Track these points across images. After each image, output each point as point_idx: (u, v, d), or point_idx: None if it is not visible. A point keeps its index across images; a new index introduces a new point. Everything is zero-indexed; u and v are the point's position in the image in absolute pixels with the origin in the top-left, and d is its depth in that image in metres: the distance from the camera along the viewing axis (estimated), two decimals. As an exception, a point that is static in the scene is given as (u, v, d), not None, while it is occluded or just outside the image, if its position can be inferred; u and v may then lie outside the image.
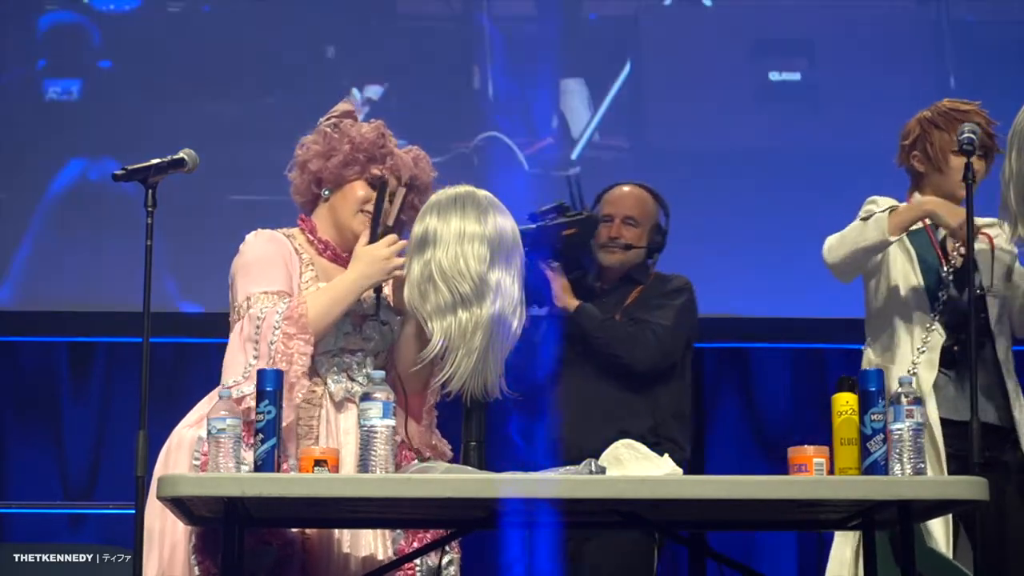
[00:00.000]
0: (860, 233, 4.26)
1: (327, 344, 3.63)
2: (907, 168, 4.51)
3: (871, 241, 4.25)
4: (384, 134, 3.78)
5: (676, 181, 6.48)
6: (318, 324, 3.55)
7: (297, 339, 3.51)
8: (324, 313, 3.57)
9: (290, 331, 3.51)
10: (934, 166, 4.41)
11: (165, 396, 5.69)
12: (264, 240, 3.70)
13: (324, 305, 3.58)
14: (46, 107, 6.43)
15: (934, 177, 4.42)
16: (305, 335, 3.52)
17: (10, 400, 6.28)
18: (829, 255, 4.32)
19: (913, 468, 3.26)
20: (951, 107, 4.44)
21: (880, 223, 4.22)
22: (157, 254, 3.64)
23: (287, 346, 3.50)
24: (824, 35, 6.60)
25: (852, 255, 4.28)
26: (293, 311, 3.53)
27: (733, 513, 3.56)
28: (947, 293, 4.31)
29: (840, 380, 3.44)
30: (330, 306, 3.58)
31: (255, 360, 3.51)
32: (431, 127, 6.21)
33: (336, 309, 3.58)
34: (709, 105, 6.47)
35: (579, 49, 6.56)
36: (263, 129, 6.17)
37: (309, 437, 3.57)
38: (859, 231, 4.26)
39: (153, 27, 6.48)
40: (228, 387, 3.45)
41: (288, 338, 3.50)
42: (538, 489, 3.22)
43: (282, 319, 3.52)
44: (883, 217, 4.22)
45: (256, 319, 3.53)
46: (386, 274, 3.62)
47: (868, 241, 4.25)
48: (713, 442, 6.42)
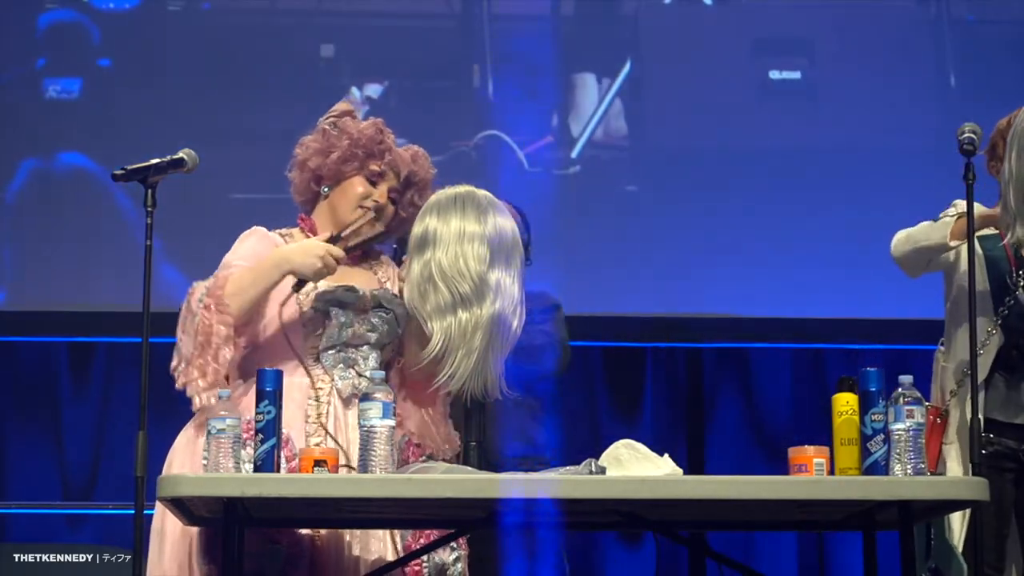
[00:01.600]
0: (926, 233, 4.31)
1: (331, 339, 3.62)
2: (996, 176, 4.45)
3: (933, 242, 4.30)
4: (383, 130, 3.79)
5: (676, 181, 6.49)
6: (235, 299, 3.55)
7: (216, 312, 3.53)
8: (242, 289, 3.57)
9: (210, 304, 3.54)
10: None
11: (165, 396, 5.69)
12: (253, 238, 3.72)
13: (244, 280, 3.58)
14: (46, 106, 6.43)
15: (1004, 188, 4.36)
16: (222, 307, 3.53)
17: (10, 400, 6.29)
18: (895, 249, 4.38)
19: (913, 468, 3.26)
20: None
21: (944, 227, 4.26)
22: (157, 253, 3.63)
23: (206, 319, 3.53)
24: (824, 35, 6.60)
25: (914, 252, 4.33)
26: (215, 286, 3.56)
27: (733, 513, 3.56)
28: (1013, 297, 4.32)
29: (840, 380, 3.44)
30: (250, 282, 3.58)
31: (183, 335, 3.57)
32: (431, 126, 6.21)
33: (253, 288, 3.58)
34: (709, 105, 6.47)
35: (579, 49, 6.56)
36: (263, 128, 6.17)
37: (318, 434, 3.56)
38: (926, 230, 4.31)
39: (153, 26, 6.48)
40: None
41: (207, 311, 3.54)
42: (538, 489, 3.22)
43: (206, 293, 3.56)
44: (949, 221, 4.26)
45: (191, 292, 3.60)
46: (310, 269, 3.58)
47: (930, 241, 4.30)
48: (713, 442, 6.42)
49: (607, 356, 6.36)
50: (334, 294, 3.63)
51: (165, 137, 5.66)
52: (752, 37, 6.60)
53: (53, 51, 6.48)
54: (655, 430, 6.32)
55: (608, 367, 6.39)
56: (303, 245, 3.62)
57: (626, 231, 6.36)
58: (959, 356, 4.30)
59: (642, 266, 6.32)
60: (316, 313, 3.62)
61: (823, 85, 6.59)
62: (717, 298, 6.34)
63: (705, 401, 6.46)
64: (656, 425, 6.38)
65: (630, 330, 6.37)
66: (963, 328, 4.27)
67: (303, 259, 3.58)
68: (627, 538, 6.28)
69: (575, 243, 6.24)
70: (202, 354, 3.52)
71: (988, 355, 4.29)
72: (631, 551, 6.30)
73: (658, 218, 6.38)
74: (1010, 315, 4.31)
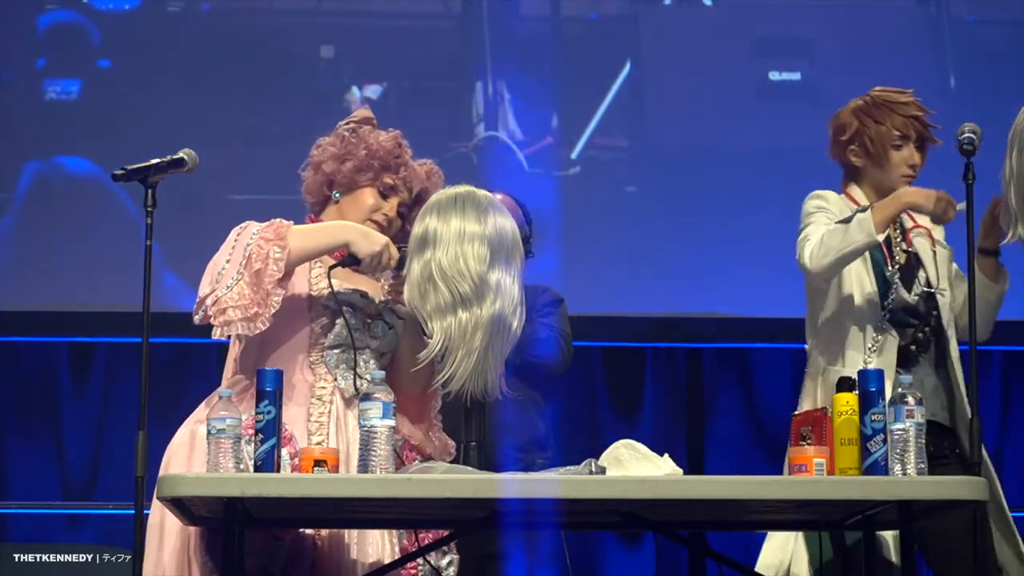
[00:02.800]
0: (844, 237, 4.11)
1: (338, 338, 3.63)
2: (842, 162, 4.38)
3: (859, 243, 4.10)
4: (401, 144, 3.79)
5: (676, 181, 6.49)
6: (296, 241, 3.53)
7: (274, 244, 3.50)
8: (303, 235, 3.56)
9: (268, 236, 3.52)
10: (874, 161, 4.30)
11: (165, 396, 5.69)
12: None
13: (305, 230, 3.59)
14: (46, 107, 6.43)
15: (873, 172, 4.31)
16: (282, 242, 3.50)
17: (10, 400, 6.29)
18: (813, 262, 4.14)
19: (914, 468, 3.27)
20: (886, 98, 4.32)
21: (865, 224, 4.09)
22: (157, 253, 3.63)
23: (262, 248, 3.50)
24: (824, 35, 6.61)
25: (839, 260, 4.13)
26: (274, 224, 3.54)
27: (733, 513, 3.56)
28: (895, 292, 4.23)
29: (840, 380, 3.44)
30: (312, 232, 3.59)
31: (227, 264, 3.51)
32: (431, 126, 6.21)
33: (312, 240, 3.56)
34: (709, 105, 6.47)
35: (579, 49, 6.56)
36: (263, 129, 6.17)
37: (319, 433, 3.57)
38: (842, 235, 4.11)
39: (153, 27, 6.48)
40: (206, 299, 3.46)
41: (265, 241, 3.51)
42: (538, 489, 3.22)
43: (261, 229, 3.53)
44: (866, 217, 4.10)
45: (237, 233, 3.56)
46: (367, 250, 3.57)
47: (856, 243, 4.10)
48: (713, 442, 6.42)
49: (607, 356, 6.36)
50: (348, 296, 3.64)
51: (165, 137, 5.66)
52: (752, 38, 6.60)
53: (53, 52, 6.48)
54: (655, 430, 6.32)
55: (608, 367, 6.39)
56: (366, 228, 3.63)
57: (626, 231, 6.36)
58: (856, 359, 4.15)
59: (642, 266, 6.32)
60: (326, 311, 3.63)
61: (823, 85, 6.58)
62: (717, 298, 6.34)
63: (705, 401, 6.46)
64: (656, 425, 6.38)
65: (630, 330, 6.37)
66: (854, 328, 4.17)
67: (365, 238, 3.58)
68: (627, 538, 6.28)
69: (575, 243, 6.25)
70: (256, 282, 3.47)
71: (890, 354, 4.16)
72: (631, 551, 6.30)
73: (658, 218, 6.38)
74: (896, 311, 4.21)
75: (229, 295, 3.47)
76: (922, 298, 4.25)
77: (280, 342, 3.62)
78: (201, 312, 3.50)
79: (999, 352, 6.46)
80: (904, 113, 4.28)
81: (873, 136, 4.28)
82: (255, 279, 3.47)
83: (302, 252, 3.55)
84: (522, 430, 4.60)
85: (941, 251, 4.33)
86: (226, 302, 3.47)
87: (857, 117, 4.31)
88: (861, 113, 4.31)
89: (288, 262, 3.50)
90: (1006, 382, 6.49)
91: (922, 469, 3.28)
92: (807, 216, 4.27)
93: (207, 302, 3.48)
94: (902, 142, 4.28)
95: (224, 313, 3.47)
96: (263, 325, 3.48)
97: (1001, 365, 6.49)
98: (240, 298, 3.47)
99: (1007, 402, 6.49)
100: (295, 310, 3.62)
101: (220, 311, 3.47)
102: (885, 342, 4.18)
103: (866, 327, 4.19)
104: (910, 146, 4.29)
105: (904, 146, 4.28)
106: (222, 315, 3.47)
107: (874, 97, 4.33)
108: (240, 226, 3.59)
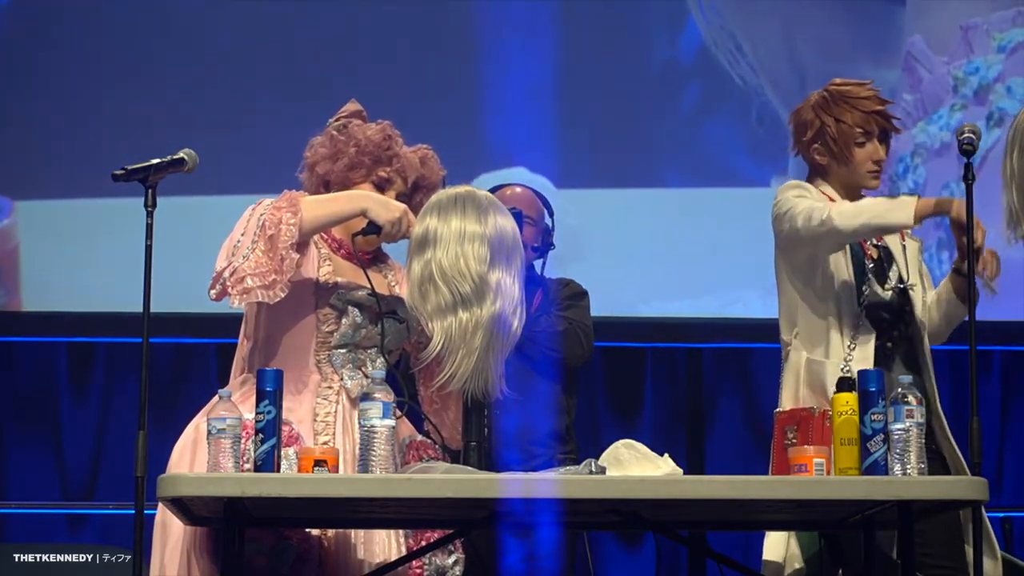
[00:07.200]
0: (885, 210, 3.97)
1: (344, 337, 3.63)
2: (807, 159, 4.27)
3: (893, 222, 3.97)
4: (390, 136, 3.79)
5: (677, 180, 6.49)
6: (309, 208, 3.54)
7: (286, 212, 3.51)
8: (318, 204, 3.57)
9: (280, 204, 3.53)
10: (838, 159, 4.19)
11: (165, 397, 5.70)
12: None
13: (321, 199, 3.60)
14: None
15: (839, 169, 4.20)
16: (294, 208, 3.51)
17: (10, 401, 6.29)
18: (840, 219, 3.97)
19: (914, 468, 3.27)
20: (846, 92, 4.21)
21: (907, 207, 3.95)
22: (157, 253, 3.63)
23: (275, 215, 3.50)
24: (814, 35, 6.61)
25: (864, 228, 3.98)
26: (287, 194, 3.55)
27: (733, 513, 3.56)
28: (869, 288, 4.15)
29: (840, 380, 3.44)
30: (327, 201, 3.60)
31: (243, 236, 3.52)
32: (430, 126, 6.20)
33: (328, 209, 3.58)
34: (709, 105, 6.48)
35: (580, 50, 6.56)
36: (263, 129, 6.17)
37: (326, 433, 3.57)
38: (884, 207, 3.98)
39: (153, 27, 6.48)
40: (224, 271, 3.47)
41: (277, 210, 3.51)
42: (538, 489, 3.23)
43: (274, 200, 3.54)
44: (912, 202, 3.97)
45: (251, 209, 3.56)
46: (386, 217, 3.58)
47: (890, 221, 3.97)
48: (713, 442, 6.42)
49: (607, 356, 6.36)
50: (354, 294, 3.64)
51: (165, 137, 5.66)
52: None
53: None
54: (655, 430, 6.32)
55: (608, 367, 6.39)
56: (382, 196, 3.64)
57: (626, 231, 6.36)
58: (838, 352, 4.07)
59: (642, 266, 6.32)
60: (332, 310, 3.63)
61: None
62: (717, 298, 6.34)
63: (705, 401, 6.46)
64: (656, 425, 6.38)
65: (630, 330, 6.37)
66: (835, 322, 4.08)
67: (383, 206, 3.60)
68: (627, 538, 6.28)
69: (575, 243, 6.24)
70: (271, 248, 3.48)
71: (867, 349, 4.07)
72: (631, 551, 6.30)
73: (659, 218, 6.38)
74: (870, 306, 4.13)
75: (246, 264, 3.48)
76: (896, 294, 4.19)
77: (287, 342, 3.63)
78: (219, 286, 3.51)
79: (999, 352, 6.46)
80: (865, 109, 4.18)
81: (835, 135, 4.17)
82: (270, 244, 3.49)
83: (316, 220, 3.55)
84: (529, 429, 4.58)
85: (911, 244, 4.26)
86: (244, 271, 3.48)
87: (817, 115, 4.20)
88: (821, 110, 4.20)
89: (302, 228, 3.51)
90: (1006, 382, 6.49)
91: (922, 469, 3.28)
92: (789, 200, 4.11)
93: (225, 274, 3.49)
94: (865, 138, 4.18)
95: (242, 282, 3.47)
96: (282, 292, 3.48)
97: (1001, 365, 6.49)
98: (258, 266, 3.48)
99: (1007, 402, 6.49)
100: (302, 309, 3.63)
101: (238, 280, 3.47)
102: (860, 339, 4.10)
103: (844, 319, 4.11)
104: (874, 141, 4.18)
105: (867, 142, 4.18)
106: (240, 284, 3.47)
107: (832, 92, 4.22)
108: (254, 204, 3.60)
